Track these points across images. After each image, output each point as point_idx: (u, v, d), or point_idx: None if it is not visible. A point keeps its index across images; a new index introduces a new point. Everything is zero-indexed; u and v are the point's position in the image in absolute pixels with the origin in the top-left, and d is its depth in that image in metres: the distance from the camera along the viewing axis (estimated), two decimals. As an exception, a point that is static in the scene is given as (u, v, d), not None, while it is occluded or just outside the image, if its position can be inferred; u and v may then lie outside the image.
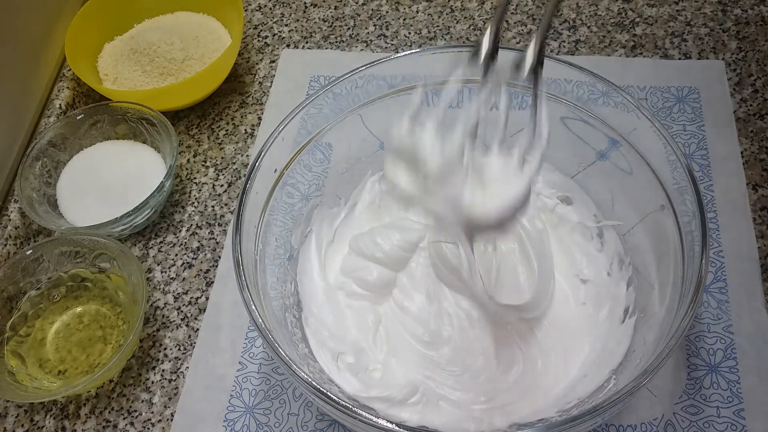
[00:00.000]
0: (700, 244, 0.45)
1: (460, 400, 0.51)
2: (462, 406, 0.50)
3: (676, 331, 0.43)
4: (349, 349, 0.53)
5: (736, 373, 0.54)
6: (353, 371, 0.52)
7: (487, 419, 0.49)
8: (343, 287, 0.57)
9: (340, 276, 0.57)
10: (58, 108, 0.71)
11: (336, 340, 0.53)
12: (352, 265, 0.57)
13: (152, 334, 0.60)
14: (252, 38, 0.80)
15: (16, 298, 0.58)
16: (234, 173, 0.70)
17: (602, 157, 0.58)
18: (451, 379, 0.52)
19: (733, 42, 0.73)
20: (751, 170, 0.64)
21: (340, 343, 0.53)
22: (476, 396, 0.51)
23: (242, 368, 0.57)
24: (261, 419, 0.55)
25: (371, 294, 0.56)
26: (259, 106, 0.74)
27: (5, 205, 0.67)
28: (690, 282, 0.45)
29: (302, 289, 0.56)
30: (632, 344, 0.50)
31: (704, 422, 0.52)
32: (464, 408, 0.50)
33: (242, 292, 0.46)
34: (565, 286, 0.57)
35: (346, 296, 0.56)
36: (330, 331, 0.54)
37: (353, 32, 0.79)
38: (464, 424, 0.49)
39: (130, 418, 0.56)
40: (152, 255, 0.65)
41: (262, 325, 0.45)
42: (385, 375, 0.52)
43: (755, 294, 0.57)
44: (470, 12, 0.80)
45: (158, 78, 0.72)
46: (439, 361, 0.52)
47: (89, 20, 0.74)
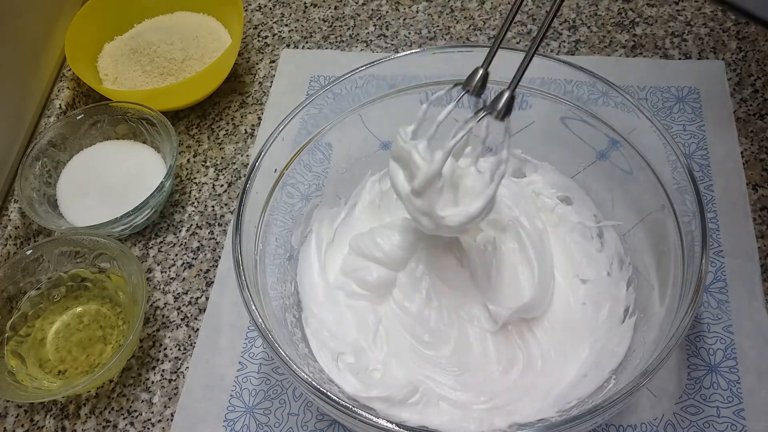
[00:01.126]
0: (700, 244, 0.45)
1: (460, 400, 0.51)
2: (462, 406, 0.50)
3: (676, 332, 0.43)
4: (349, 349, 0.53)
5: (736, 373, 0.53)
6: (353, 371, 0.52)
7: (488, 419, 0.49)
8: (343, 287, 0.57)
9: (340, 276, 0.57)
10: (58, 108, 0.71)
11: (336, 340, 0.53)
12: (352, 265, 0.57)
13: (152, 334, 0.60)
14: (252, 38, 0.80)
15: (16, 298, 0.58)
16: (234, 173, 0.70)
17: (602, 157, 0.58)
18: (451, 379, 0.52)
19: (733, 42, 0.73)
20: (751, 170, 0.64)
21: (340, 343, 0.53)
22: (476, 396, 0.51)
23: (242, 368, 0.57)
24: (261, 419, 0.55)
25: (371, 294, 0.56)
26: (259, 106, 0.74)
27: (5, 205, 0.67)
28: (690, 282, 0.45)
29: (302, 289, 0.56)
30: (632, 344, 0.50)
31: (704, 422, 0.52)
32: (464, 408, 0.50)
33: (242, 292, 0.46)
34: (564, 286, 0.57)
35: (346, 296, 0.56)
36: (330, 331, 0.54)
37: (353, 32, 0.79)
38: (464, 424, 0.49)
39: (130, 418, 0.56)
40: (152, 255, 0.65)
41: (262, 325, 0.45)
42: (385, 375, 0.52)
43: (755, 294, 0.57)
44: (470, 12, 0.80)
45: (158, 78, 0.72)
46: (439, 361, 0.52)
47: (89, 20, 0.74)
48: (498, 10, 0.79)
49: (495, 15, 0.79)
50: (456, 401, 0.51)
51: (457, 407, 0.50)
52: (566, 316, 0.55)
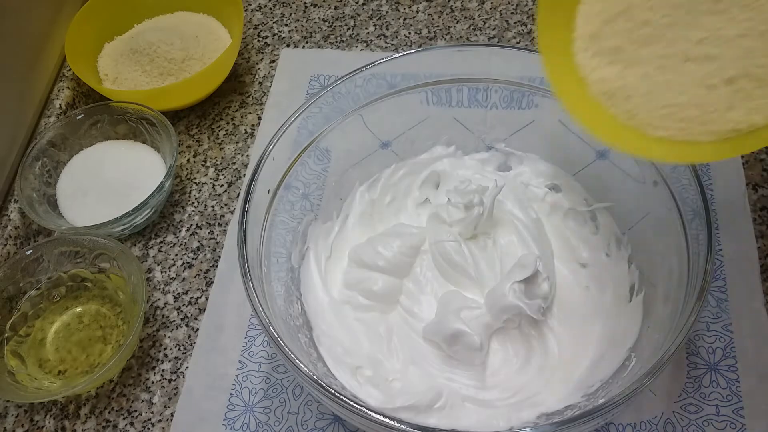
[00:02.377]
0: (705, 245, 0.45)
1: (485, 398, 0.50)
2: (488, 404, 0.50)
3: (680, 332, 0.42)
4: (365, 362, 0.52)
5: (735, 371, 0.54)
6: (374, 384, 0.51)
7: (515, 414, 0.49)
8: (349, 301, 0.56)
9: (344, 290, 0.57)
10: (58, 108, 0.71)
11: (351, 355, 0.53)
12: (356, 277, 0.56)
13: (152, 334, 0.60)
14: (252, 38, 0.80)
15: (16, 298, 0.58)
16: (234, 173, 0.70)
17: (602, 156, 0.58)
18: (472, 379, 0.52)
19: (732, 42, 0.73)
20: (751, 170, 0.64)
21: (356, 357, 0.53)
22: (501, 392, 0.51)
23: (242, 367, 0.57)
24: (261, 418, 0.55)
25: (379, 304, 0.56)
26: (259, 106, 0.74)
27: (5, 205, 0.67)
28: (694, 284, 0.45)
29: (308, 308, 0.56)
30: (645, 320, 0.50)
31: (703, 421, 0.52)
32: (490, 406, 0.50)
33: (267, 329, 0.45)
34: (566, 272, 0.57)
35: (354, 309, 0.56)
36: (343, 347, 0.53)
37: (353, 32, 0.79)
38: (493, 421, 0.49)
39: (130, 418, 0.56)
40: (152, 255, 0.65)
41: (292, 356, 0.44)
42: (406, 383, 0.52)
43: (755, 293, 0.57)
44: (470, 12, 0.80)
45: (158, 78, 0.72)
46: (457, 362, 0.52)
47: (89, 20, 0.74)
48: (498, 10, 0.79)
49: (495, 15, 0.79)
50: (481, 400, 0.50)
51: (484, 406, 0.50)
52: (573, 302, 0.55)
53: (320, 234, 0.59)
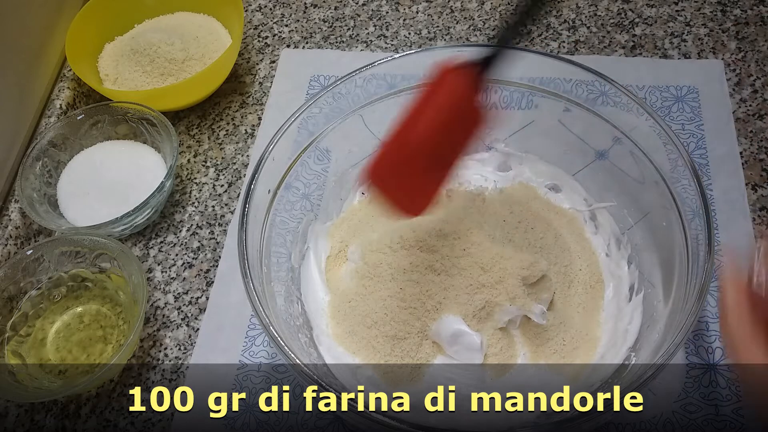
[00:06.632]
0: (705, 245, 0.45)
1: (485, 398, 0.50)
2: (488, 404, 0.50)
3: (680, 332, 0.43)
4: None
5: (735, 371, 0.54)
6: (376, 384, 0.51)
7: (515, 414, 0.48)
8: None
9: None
10: (58, 108, 0.71)
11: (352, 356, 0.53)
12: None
13: (152, 333, 0.60)
14: (252, 38, 0.80)
15: (16, 298, 0.58)
16: (234, 173, 0.70)
17: (602, 156, 0.58)
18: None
19: (732, 42, 0.73)
20: (750, 170, 0.64)
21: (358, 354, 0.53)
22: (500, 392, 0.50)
23: (242, 367, 0.57)
24: (261, 417, 0.55)
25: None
26: (259, 106, 0.74)
27: (6, 205, 0.67)
28: (694, 284, 0.45)
29: (308, 308, 0.56)
30: (644, 320, 0.50)
31: (703, 420, 0.52)
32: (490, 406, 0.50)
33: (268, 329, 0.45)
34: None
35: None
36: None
37: (353, 32, 0.79)
38: (493, 421, 0.48)
39: (130, 418, 0.56)
40: (152, 255, 0.65)
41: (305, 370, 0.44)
42: None
43: (754, 293, 0.57)
44: (470, 12, 0.80)
45: (158, 78, 0.72)
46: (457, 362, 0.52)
47: (90, 20, 0.74)
48: (498, 11, 0.79)
49: (495, 15, 0.79)
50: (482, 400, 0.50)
51: (483, 405, 0.50)
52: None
53: (320, 234, 0.59)
